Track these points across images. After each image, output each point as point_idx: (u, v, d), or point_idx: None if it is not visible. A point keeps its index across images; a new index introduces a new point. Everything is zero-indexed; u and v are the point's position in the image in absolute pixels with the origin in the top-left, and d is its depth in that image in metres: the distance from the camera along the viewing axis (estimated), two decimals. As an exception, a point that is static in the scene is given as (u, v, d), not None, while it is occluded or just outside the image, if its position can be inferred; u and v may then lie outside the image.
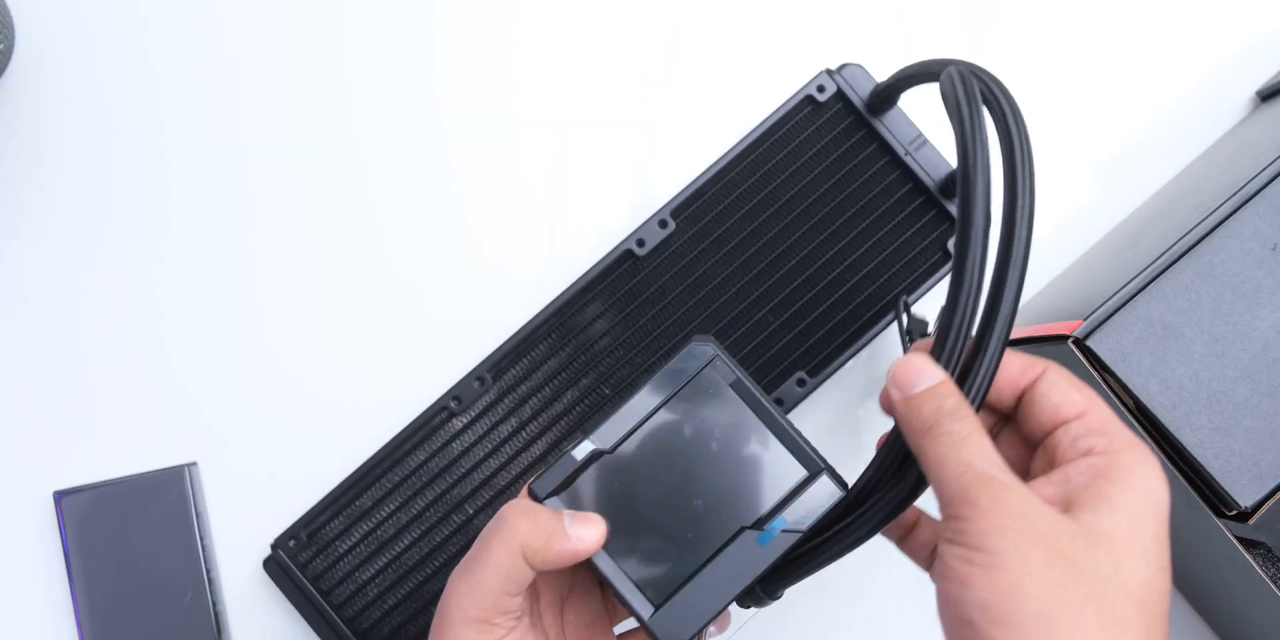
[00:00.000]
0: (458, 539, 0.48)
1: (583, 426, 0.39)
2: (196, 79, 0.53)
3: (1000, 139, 0.33)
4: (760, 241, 0.49)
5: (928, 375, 0.32)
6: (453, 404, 0.48)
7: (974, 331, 0.32)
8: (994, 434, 0.35)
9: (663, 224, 0.49)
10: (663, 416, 0.34)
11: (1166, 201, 0.48)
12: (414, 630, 0.48)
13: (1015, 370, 0.33)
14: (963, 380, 0.32)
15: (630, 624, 0.39)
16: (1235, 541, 0.38)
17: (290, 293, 0.52)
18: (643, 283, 0.49)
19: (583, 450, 0.33)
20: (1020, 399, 0.33)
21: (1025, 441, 0.34)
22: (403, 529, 0.48)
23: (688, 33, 0.54)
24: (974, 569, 0.28)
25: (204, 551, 0.48)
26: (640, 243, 0.49)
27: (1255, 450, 0.38)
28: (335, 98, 0.53)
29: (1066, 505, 0.29)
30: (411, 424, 0.48)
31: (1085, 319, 0.39)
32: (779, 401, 0.48)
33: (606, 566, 0.34)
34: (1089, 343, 0.39)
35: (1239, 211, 0.39)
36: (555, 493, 0.33)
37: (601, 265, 0.49)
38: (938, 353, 0.32)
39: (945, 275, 0.49)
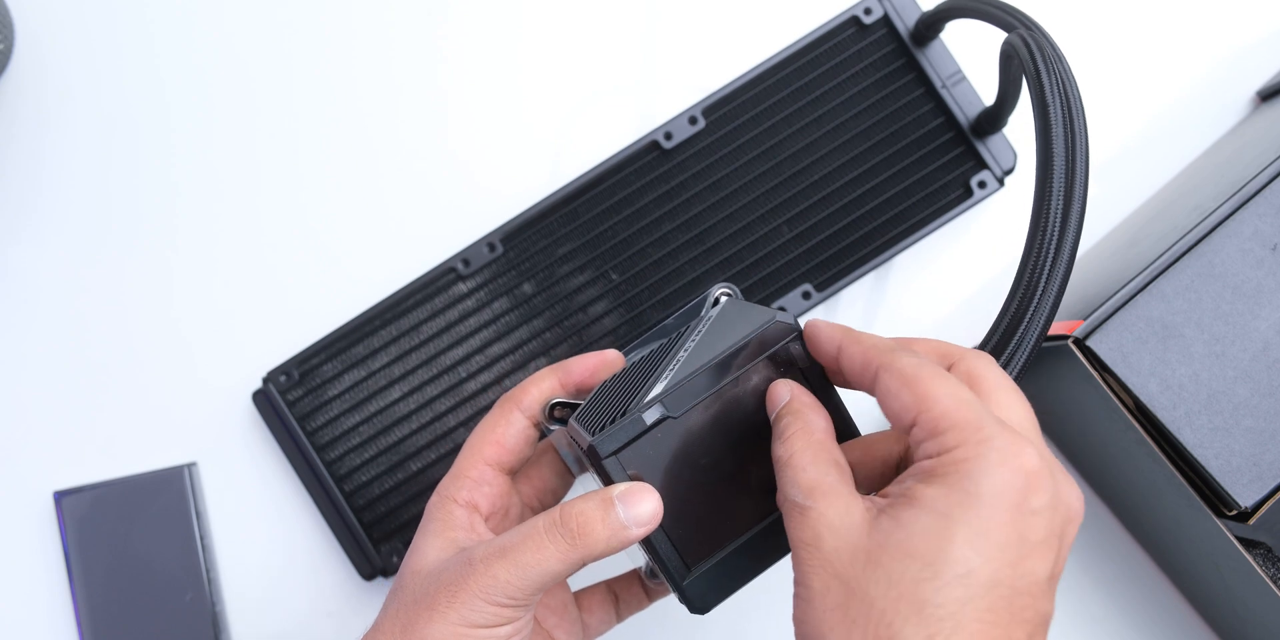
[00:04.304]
0: (445, 399, 0.49)
1: (633, 358, 0.38)
2: (199, 77, 0.53)
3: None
4: (786, 153, 0.50)
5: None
6: (460, 266, 0.49)
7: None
8: None
9: (693, 120, 0.50)
10: (731, 388, 0.33)
11: (1166, 201, 0.48)
12: (389, 483, 0.48)
13: (857, 365, 0.32)
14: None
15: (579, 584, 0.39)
16: (1235, 541, 0.38)
17: (298, 266, 0.52)
18: (664, 176, 0.50)
19: (652, 415, 0.32)
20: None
21: None
22: (393, 382, 0.49)
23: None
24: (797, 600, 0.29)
25: (204, 551, 0.48)
26: (668, 136, 0.50)
27: (1255, 450, 0.38)
28: (342, 96, 0.53)
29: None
30: (417, 280, 0.49)
31: (1085, 319, 0.39)
32: (781, 310, 0.50)
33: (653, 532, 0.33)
34: (1089, 343, 0.39)
35: (1239, 211, 0.39)
36: (615, 453, 0.33)
37: (627, 152, 0.50)
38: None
39: (961, 213, 0.50)
